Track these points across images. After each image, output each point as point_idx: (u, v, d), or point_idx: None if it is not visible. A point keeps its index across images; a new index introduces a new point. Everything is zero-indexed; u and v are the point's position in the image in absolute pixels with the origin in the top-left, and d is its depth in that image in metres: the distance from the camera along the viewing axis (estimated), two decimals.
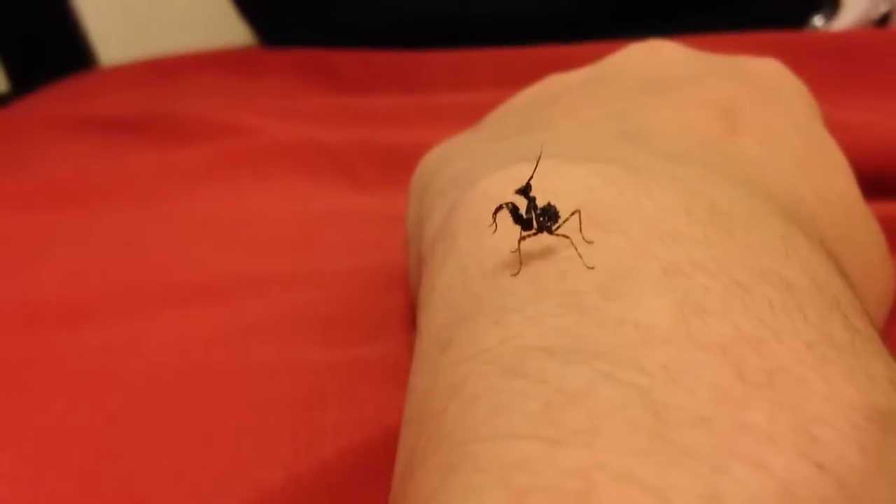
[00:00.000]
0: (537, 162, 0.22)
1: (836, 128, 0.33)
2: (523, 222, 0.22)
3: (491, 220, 0.22)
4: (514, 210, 0.22)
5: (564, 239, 0.21)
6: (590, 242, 0.21)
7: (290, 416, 0.33)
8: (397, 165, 0.53)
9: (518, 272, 0.21)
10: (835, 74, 0.54)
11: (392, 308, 0.39)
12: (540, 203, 0.22)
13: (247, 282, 0.44)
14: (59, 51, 1.04)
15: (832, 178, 0.30)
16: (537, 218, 0.22)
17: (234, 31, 0.93)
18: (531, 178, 0.22)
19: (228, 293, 0.43)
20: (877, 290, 0.29)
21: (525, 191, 0.22)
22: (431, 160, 0.34)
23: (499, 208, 0.22)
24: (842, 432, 0.15)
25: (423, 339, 0.22)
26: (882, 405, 0.17)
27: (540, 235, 0.22)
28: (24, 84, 0.97)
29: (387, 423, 0.30)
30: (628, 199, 0.23)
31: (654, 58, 0.35)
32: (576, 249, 0.21)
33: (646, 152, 0.27)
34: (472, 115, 0.38)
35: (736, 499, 0.14)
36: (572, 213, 0.22)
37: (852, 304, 0.21)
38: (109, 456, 0.32)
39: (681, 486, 0.14)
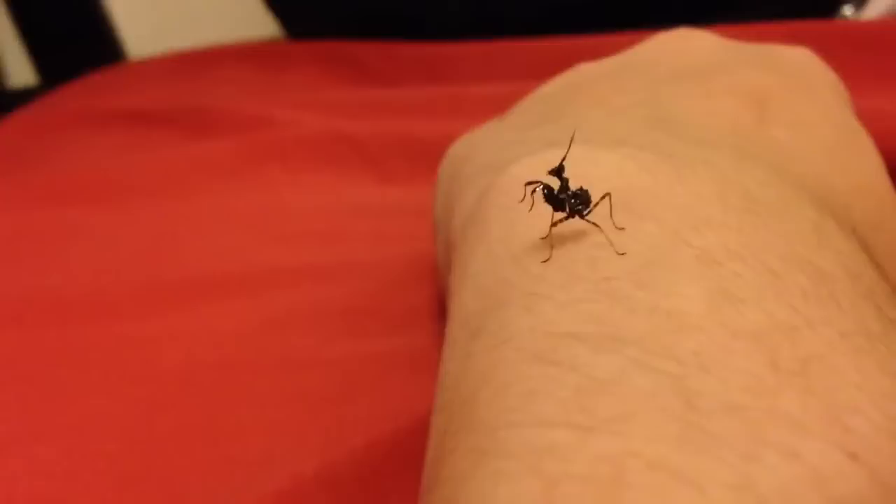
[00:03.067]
0: (570, 144, 0.22)
1: (866, 117, 0.32)
2: (557, 202, 0.21)
3: (523, 202, 0.22)
4: (547, 190, 0.21)
5: (595, 225, 0.21)
6: (621, 229, 0.21)
7: (321, 409, 0.33)
8: (424, 157, 0.53)
9: (549, 258, 0.21)
10: (864, 64, 0.53)
11: (420, 300, 0.39)
12: (572, 188, 0.22)
13: (276, 275, 0.45)
14: (88, 44, 1.05)
15: (863, 168, 0.30)
16: (569, 201, 0.21)
17: (261, 25, 0.93)
18: (564, 158, 0.22)
19: (258, 286, 0.44)
20: None
21: (558, 171, 0.22)
22: (459, 148, 0.34)
23: (532, 187, 0.22)
24: (875, 422, 0.15)
25: (454, 325, 0.22)
26: None
27: (571, 221, 0.21)
28: (52, 78, 0.98)
29: (416, 413, 0.30)
30: (661, 185, 0.23)
31: (684, 46, 0.35)
32: (607, 236, 0.21)
33: (677, 139, 0.27)
34: (498, 107, 0.38)
35: (768, 487, 0.14)
36: (602, 197, 0.21)
37: (886, 295, 0.21)
38: (144, 448, 0.32)
39: (712, 474, 0.14)
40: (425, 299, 0.39)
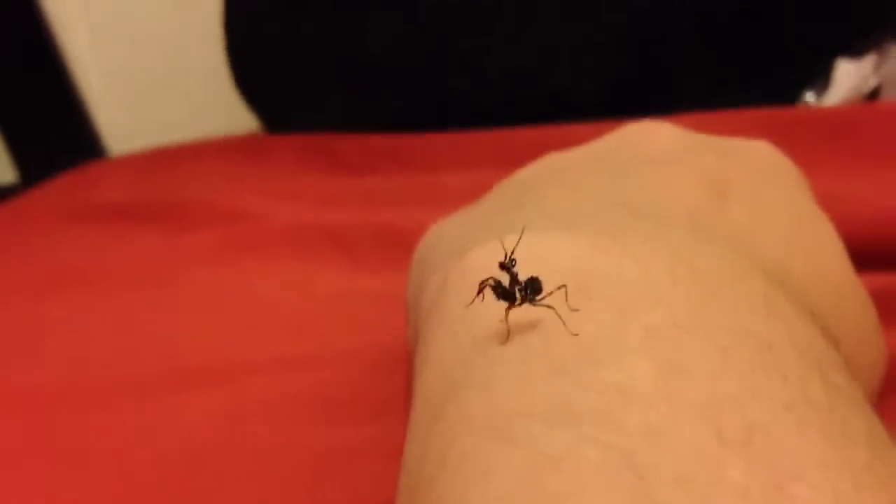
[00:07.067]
0: (520, 236, 0.23)
1: (827, 200, 0.33)
2: (507, 296, 0.22)
3: (476, 293, 0.23)
4: (497, 285, 0.22)
5: (550, 307, 0.22)
6: (575, 310, 0.22)
7: (292, 499, 0.33)
8: (397, 245, 0.54)
9: (507, 340, 0.21)
10: (827, 148, 0.54)
11: (394, 389, 0.39)
12: (525, 275, 0.22)
13: (249, 365, 0.44)
14: (68, 142, 1.05)
15: (823, 252, 0.30)
16: (521, 291, 0.22)
17: (241, 121, 0.94)
18: (512, 252, 0.22)
19: (231, 376, 0.43)
20: (869, 361, 0.29)
21: (507, 265, 0.22)
22: (431, 235, 0.35)
23: (483, 285, 0.22)
24: (817, 488, 0.16)
25: (417, 407, 0.23)
26: (857, 462, 0.17)
27: (527, 305, 0.22)
28: (32, 175, 0.98)
29: (387, 501, 0.30)
30: (613, 263, 0.24)
31: (649, 137, 0.36)
32: (560, 317, 0.21)
33: (632, 217, 0.28)
34: (471, 195, 0.39)
35: None
36: (558, 288, 0.22)
37: (834, 363, 0.21)
38: None
39: None
40: (399, 388, 0.39)
